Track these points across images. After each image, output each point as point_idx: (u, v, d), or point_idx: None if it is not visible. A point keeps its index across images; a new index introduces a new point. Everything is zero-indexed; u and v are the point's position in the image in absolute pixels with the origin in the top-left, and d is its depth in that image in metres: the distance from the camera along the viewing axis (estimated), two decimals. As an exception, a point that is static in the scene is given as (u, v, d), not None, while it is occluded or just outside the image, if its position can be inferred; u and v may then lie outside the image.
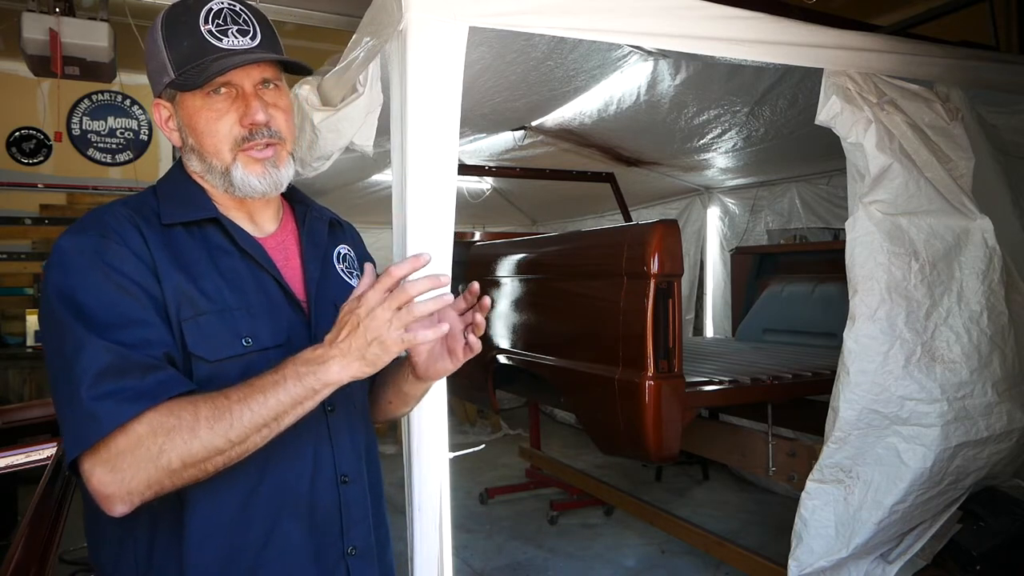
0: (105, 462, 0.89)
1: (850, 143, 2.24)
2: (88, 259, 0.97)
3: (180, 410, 0.91)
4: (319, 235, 1.22)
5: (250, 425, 0.92)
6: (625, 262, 2.51)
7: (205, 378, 0.99)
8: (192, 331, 1.00)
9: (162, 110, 1.12)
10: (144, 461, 0.89)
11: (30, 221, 5.69)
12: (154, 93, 1.12)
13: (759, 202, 4.92)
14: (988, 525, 2.52)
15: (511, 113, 3.49)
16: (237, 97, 1.08)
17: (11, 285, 5.62)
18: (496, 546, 3.90)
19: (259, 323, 1.06)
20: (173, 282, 1.01)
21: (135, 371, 0.92)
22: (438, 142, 1.73)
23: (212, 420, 0.91)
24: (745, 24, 2.10)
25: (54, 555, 1.55)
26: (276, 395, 0.93)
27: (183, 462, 0.91)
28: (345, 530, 1.12)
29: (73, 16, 3.26)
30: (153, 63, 1.09)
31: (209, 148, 1.08)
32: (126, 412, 0.89)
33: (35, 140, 5.75)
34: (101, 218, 1.03)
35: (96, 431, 0.89)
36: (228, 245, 1.09)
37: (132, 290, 0.97)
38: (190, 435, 0.90)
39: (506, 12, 1.81)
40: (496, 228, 6.32)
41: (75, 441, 0.90)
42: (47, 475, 1.92)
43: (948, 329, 2.30)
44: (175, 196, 1.10)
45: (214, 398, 0.93)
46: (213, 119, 1.07)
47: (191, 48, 1.05)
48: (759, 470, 2.97)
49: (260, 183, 1.09)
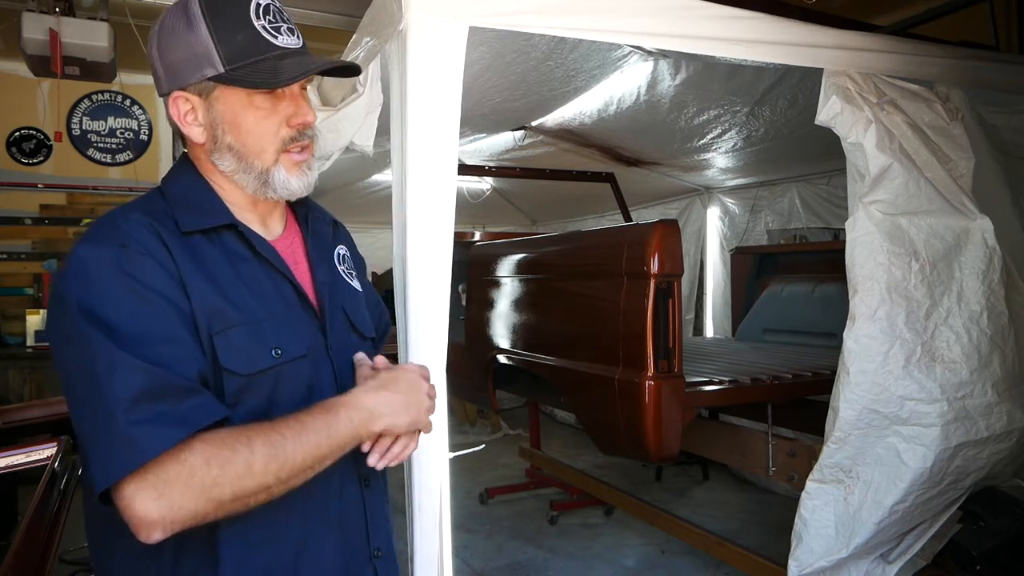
0: (152, 487, 0.85)
1: (850, 143, 2.24)
2: (110, 271, 0.92)
3: (235, 442, 0.88)
4: (324, 237, 1.20)
5: (300, 466, 0.92)
6: (625, 262, 2.51)
7: (236, 392, 0.96)
8: (223, 345, 0.96)
9: (182, 103, 1.03)
10: (196, 491, 0.86)
11: (30, 221, 5.69)
12: (175, 86, 1.03)
13: (759, 202, 4.92)
14: (988, 525, 2.52)
15: (511, 113, 3.49)
16: (282, 97, 1.04)
17: (11, 285, 5.62)
18: (496, 546, 3.90)
19: (284, 332, 1.03)
20: (201, 293, 0.96)
21: (173, 394, 0.88)
22: (438, 142, 1.73)
23: (268, 458, 0.89)
24: (745, 24, 2.10)
25: (54, 555, 1.55)
26: (329, 440, 0.94)
27: (234, 495, 0.88)
28: (371, 534, 1.11)
29: (73, 16, 3.26)
30: (183, 52, 1.00)
31: (253, 148, 1.03)
32: (170, 437, 0.86)
33: (35, 140, 5.75)
34: (119, 226, 0.96)
35: (136, 457, 0.84)
36: (245, 251, 1.05)
37: (160, 304, 0.92)
38: (245, 470, 0.88)
39: (506, 12, 1.81)
40: (496, 228, 6.32)
41: (111, 466, 0.85)
42: (47, 475, 1.92)
43: (948, 329, 2.30)
44: (189, 201, 1.04)
45: (268, 434, 0.90)
46: (262, 118, 1.03)
47: (247, 43, 1.00)
48: (759, 470, 2.97)
49: (299, 184, 1.07)
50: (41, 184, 5.74)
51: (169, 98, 1.04)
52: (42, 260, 5.66)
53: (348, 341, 1.14)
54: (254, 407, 0.98)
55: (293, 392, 1.02)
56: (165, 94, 1.05)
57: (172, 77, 1.03)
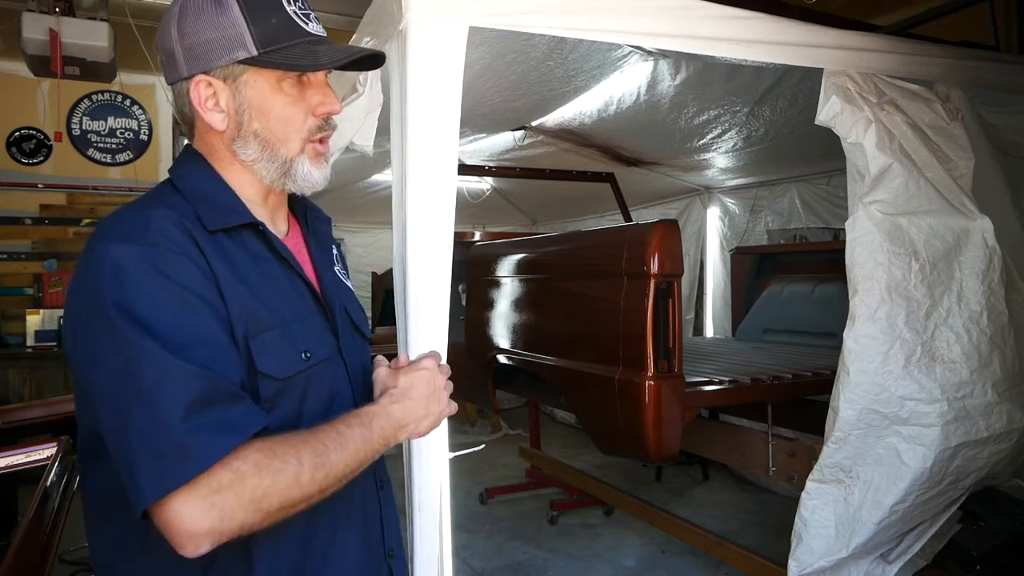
0: (204, 498, 0.81)
1: (850, 143, 2.24)
2: (146, 270, 0.87)
3: (284, 452, 0.86)
4: (324, 236, 1.18)
5: (340, 476, 0.92)
6: (625, 262, 2.51)
7: (272, 396, 0.94)
8: (259, 348, 0.93)
9: (204, 87, 0.98)
10: (246, 501, 0.83)
11: (30, 221, 5.69)
12: (197, 68, 0.98)
13: (759, 202, 4.92)
14: (988, 525, 2.52)
15: (511, 113, 3.49)
16: (308, 85, 1.01)
17: (11, 285, 5.62)
18: (496, 546, 3.90)
19: (310, 334, 1.01)
20: (236, 295, 0.93)
21: (222, 400, 0.85)
22: (438, 142, 1.73)
23: (315, 468, 0.88)
24: (745, 24, 2.10)
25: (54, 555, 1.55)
26: (365, 449, 0.95)
27: (281, 506, 0.86)
28: (386, 534, 1.12)
29: (73, 16, 3.26)
30: (211, 33, 0.96)
31: (280, 136, 1.00)
32: (224, 446, 0.82)
33: (35, 140, 5.75)
34: (148, 224, 0.90)
35: (192, 467, 0.80)
36: (264, 251, 1.01)
37: (198, 306, 0.88)
38: (294, 480, 0.86)
39: (506, 12, 1.81)
40: (496, 228, 6.32)
41: (161, 477, 0.80)
42: (47, 475, 1.92)
43: (948, 329, 2.30)
44: (208, 197, 0.99)
45: (313, 444, 0.89)
46: (289, 104, 0.99)
47: (281, 27, 0.97)
48: (759, 470, 2.97)
49: (320, 176, 1.05)
50: (41, 184, 5.74)
51: (190, 82, 0.98)
52: (42, 260, 5.66)
53: (354, 342, 1.13)
54: (287, 412, 0.97)
55: (319, 395, 1.01)
56: (184, 78, 0.99)
57: (194, 60, 0.98)
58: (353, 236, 6.90)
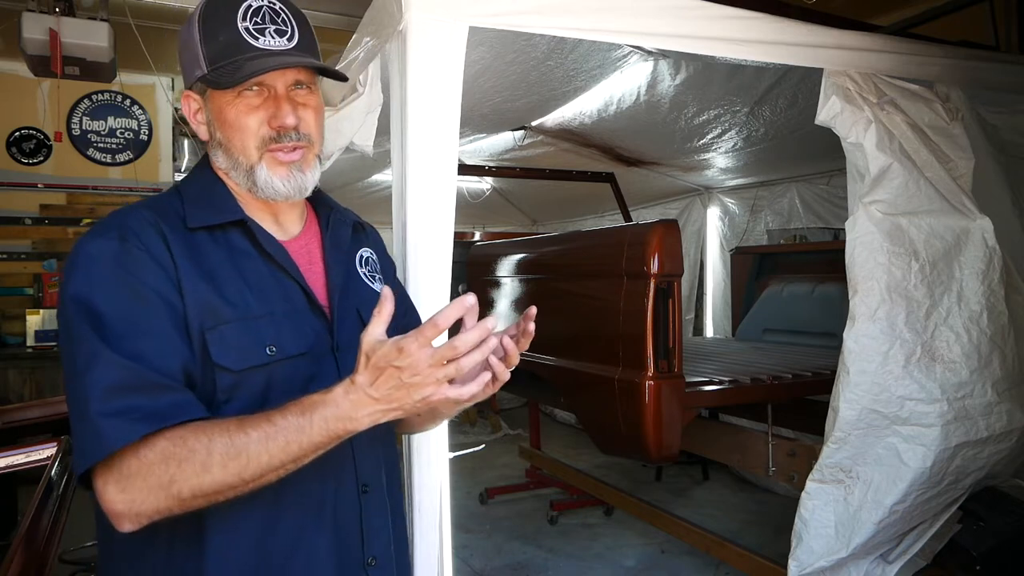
0: (116, 481, 0.88)
1: (850, 143, 2.24)
2: (107, 264, 0.95)
3: (194, 441, 0.88)
4: (342, 239, 1.19)
5: (267, 466, 0.90)
6: (625, 262, 2.51)
7: (229, 387, 0.98)
8: (216, 341, 0.97)
9: (191, 102, 1.10)
10: (155, 488, 0.88)
11: (30, 221, 5.68)
12: (185, 84, 1.10)
13: (759, 202, 4.92)
14: (988, 525, 2.52)
15: (511, 113, 3.49)
16: (269, 96, 1.06)
17: (11, 285, 5.61)
18: (496, 546, 3.90)
19: (283, 330, 1.03)
20: (196, 290, 0.98)
21: (148, 389, 0.90)
22: (438, 142, 1.73)
23: (226, 457, 0.88)
24: (745, 24, 2.10)
25: (54, 555, 1.55)
26: (299, 440, 0.90)
27: (193, 494, 0.89)
28: (366, 540, 1.10)
29: (73, 16, 3.26)
30: (187, 54, 1.07)
31: (236, 144, 1.06)
32: (133, 433, 0.87)
33: (35, 140, 5.74)
34: (123, 221, 1.00)
35: (100, 449, 0.87)
36: (251, 249, 1.06)
37: (150, 299, 0.95)
38: (202, 469, 0.88)
39: (506, 12, 1.81)
40: (496, 228, 6.33)
41: (82, 455, 0.89)
42: (47, 475, 1.92)
43: (948, 329, 2.30)
44: (201, 198, 1.07)
45: (232, 433, 0.89)
46: (243, 114, 1.05)
47: (226, 44, 1.03)
48: (759, 470, 2.97)
49: (284, 186, 1.07)
50: (41, 184, 5.74)
51: (183, 97, 1.11)
52: (42, 260, 5.66)
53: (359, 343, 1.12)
54: (247, 404, 0.98)
55: (288, 390, 1.00)
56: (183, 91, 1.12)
57: (184, 77, 1.10)
58: (353, 236, 6.89)
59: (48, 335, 5.41)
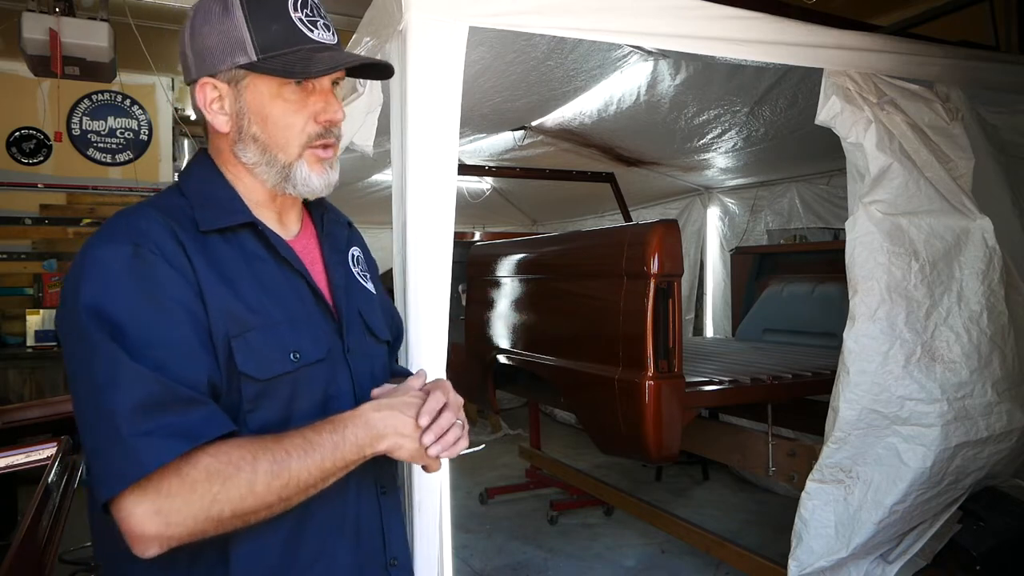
0: (152, 502, 0.82)
1: (850, 143, 2.24)
2: (122, 272, 0.88)
3: (239, 459, 0.85)
4: (339, 239, 1.17)
5: (304, 484, 0.89)
6: (625, 262, 2.51)
7: (254, 397, 0.94)
8: (241, 349, 0.93)
9: (210, 90, 1.01)
10: (195, 508, 0.83)
11: (30, 221, 5.68)
12: (203, 71, 1.01)
13: (759, 202, 4.92)
14: (988, 525, 2.52)
15: (511, 113, 3.49)
16: (312, 92, 1.02)
17: (11, 285, 5.61)
18: (496, 546, 3.90)
19: (303, 335, 1.00)
20: (217, 297, 0.93)
21: (177, 404, 0.85)
22: (438, 142, 1.73)
23: (271, 476, 0.86)
24: (745, 24, 2.10)
25: (54, 555, 1.55)
26: (333, 457, 0.90)
27: (233, 513, 0.85)
28: (387, 543, 1.09)
29: (73, 16, 3.26)
30: (215, 38, 0.99)
31: (279, 141, 1.01)
32: (171, 451, 0.82)
33: (35, 140, 5.74)
34: (135, 224, 0.93)
35: (136, 468, 0.81)
36: (262, 251, 1.02)
37: (171, 308, 0.89)
38: (247, 488, 0.85)
39: (506, 12, 1.81)
40: (496, 228, 6.32)
41: (112, 477, 0.82)
42: (47, 475, 1.92)
43: (948, 329, 2.30)
44: (208, 198, 1.01)
45: (272, 450, 0.87)
46: (290, 111, 1.01)
47: (282, 33, 0.98)
48: (759, 470, 2.97)
49: (319, 183, 1.04)
50: (41, 184, 5.74)
51: (196, 84, 1.01)
52: (42, 260, 5.66)
53: (365, 344, 1.11)
54: (273, 413, 0.96)
55: (311, 397, 1.00)
56: (192, 80, 1.02)
57: (201, 63, 1.01)
58: (353, 236, 6.90)
59: (48, 335, 5.41)
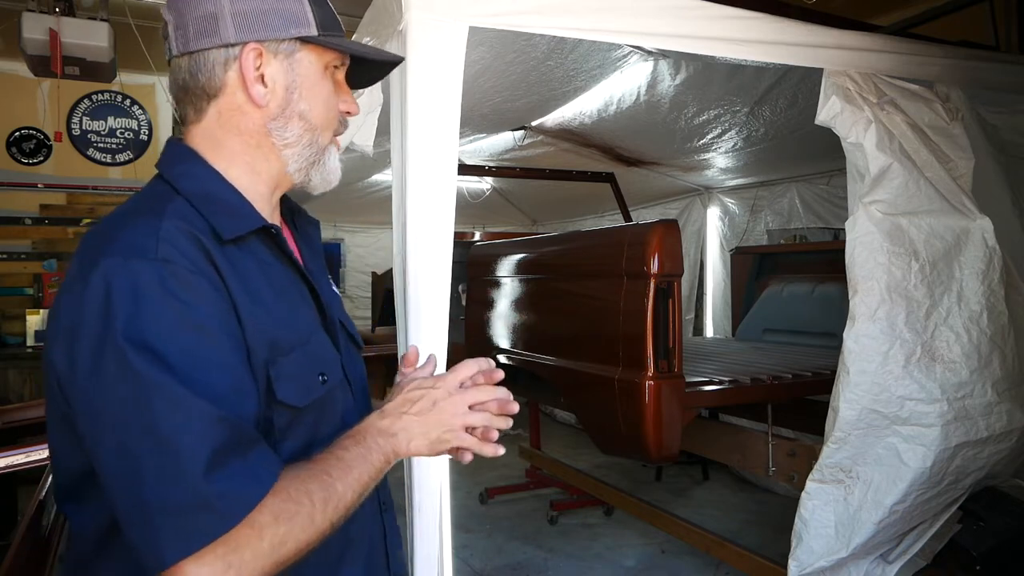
0: (221, 558, 0.73)
1: (850, 143, 2.24)
2: (158, 295, 0.76)
3: (297, 493, 0.79)
4: (315, 241, 1.09)
5: (349, 506, 0.84)
6: (625, 262, 2.51)
7: (285, 427, 0.87)
8: (279, 376, 0.85)
9: (255, 57, 0.90)
10: (265, 554, 0.75)
11: (30, 221, 5.69)
12: (250, 35, 0.90)
13: (759, 202, 4.92)
14: (988, 525, 2.52)
15: (511, 113, 3.49)
16: (338, 83, 1.00)
17: (11, 285, 5.62)
18: (496, 546, 3.90)
19: (324, 353, 0.94)
20: (252, 317, 0.84)
21: (244, 446, 0.77)
22: (438, 142, 1.73)
23: (324, 504, 0.81)
24: (745, 24, 2.10)
25: (54, 555, 1.55)
26: (367, 469, 0.87)
27: (296, 550, 0.79)
28: (391, 559, 1.06)
29: (73, 16, 3.26)
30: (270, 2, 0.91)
31: (322, 120, 0.96)
32: (252, 498, 0.75)
33: (35, 140, 5.75)
34: (156, 235, 0.79)
35: (219, 525, 0.73)
36: (271, 257, 0.93)
37: (216, 335, 0.79)
38: (308, 521, 0.79)
39: (506, 12, 1.81)
40: (496, 228, 6.33)
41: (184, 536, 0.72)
42: (47, 475, 1.92)
43: (948, 329, 2.30)
44: (215, 201, 0.89)
45: (320, 479, 0.82)
46: (331, 94, 0.97)
47: (331, 17, 0.96)
48: (759, 470, 2.97)
49: (336, 175, 1.01)
50: (41, 184, 5.74)
51: (238, 48, 0.90)
52: (42, 260, 5.66)
53: (352, 355, 1.06)
54: (299, 441, 0.89)
55: (331, 420, 0.95)
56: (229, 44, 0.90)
57: (247, 27, 0.90)
58: (353, 236, 6.90)
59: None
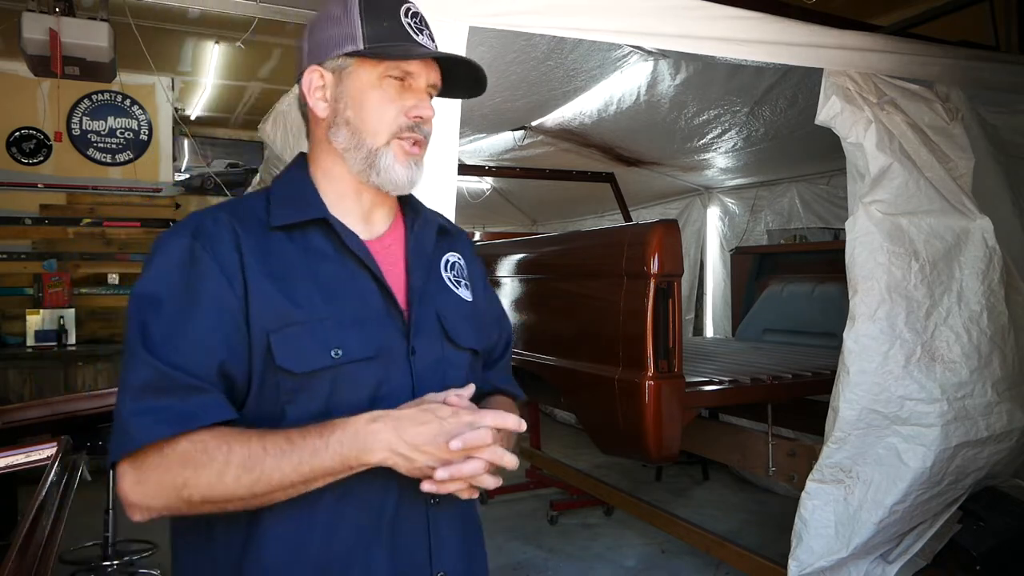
0: (135, 474, 0.92)
1: (850, 143, 2.24)
2: (170, 260, 0.98)
3: (215, 449, 0.91)
4: (426, 241, 1.17)
5: (277, 484, 0.91)
6: (625, 262, 2.51)
7: (292, 390, 0.98)
8: (279, 343, 0.97)
9: (316, 77, 1.08)
10: (167, 487, 0.91)
11: (30, 221, 5.69)
12: (313, 60, 1.09)
13: (759, 202, 4.92)
14: (988, 525, 2.52)
15: (511, 113, 3.49)
16: (407, 89, 1.08)
17: (11, 285, 5.62)
18: (496, 546, 3.90)
19: (349, 333, 1.01)
20: (262, 291, 0.98)
21: (177, 391, 0.92)
22: (438, 142, 1.73)
23: (242, 469, 0.90)
24: (745, 24, 2.10)
25: (54, 555, 1.55)
26: (311, 462, 0.91)
27: (203, 499, 0.92)
28: (434, 554, 1.06)
29: (73, 16, 3.26)
30: (331, 31, 1.08)
31: (370, 127, 1.07)
32: (157, 433, 0.91)
33: (35, 140, 5.75)
34: (200, 220, 1.02)
35: (126, 444, 0.91)
36: (330, 249, 1.05)
37: (202, 300, 0.96)
38: (216, 479, 0.90)
39: (506, 12, 1.81)
40: (496, 228, 6.32)
41: (114, 446, 0.93)
42: (47, 475, 1.92)
43: (948, 329, 2.30)
44: (287, 197, 1.08)
45: (251, 445, 0.91)
46: (385, 101, 1.07)
47: (391, 30, 1.06)
48: (759, 470, 2.97)
49: (403, 175, 1.08)
50: (41, 184, 5.74)
51: (304, 72, 1.09)
52: (42, 260, 5.66)
53: (437, 348, 1.10)
54: (310, 408, 0.98)
55: (355, 393, 1.00)
56: (302, 71, 1.10)
57: (313, 54, 1.09)
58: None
59: (48, 335, 5.42)
